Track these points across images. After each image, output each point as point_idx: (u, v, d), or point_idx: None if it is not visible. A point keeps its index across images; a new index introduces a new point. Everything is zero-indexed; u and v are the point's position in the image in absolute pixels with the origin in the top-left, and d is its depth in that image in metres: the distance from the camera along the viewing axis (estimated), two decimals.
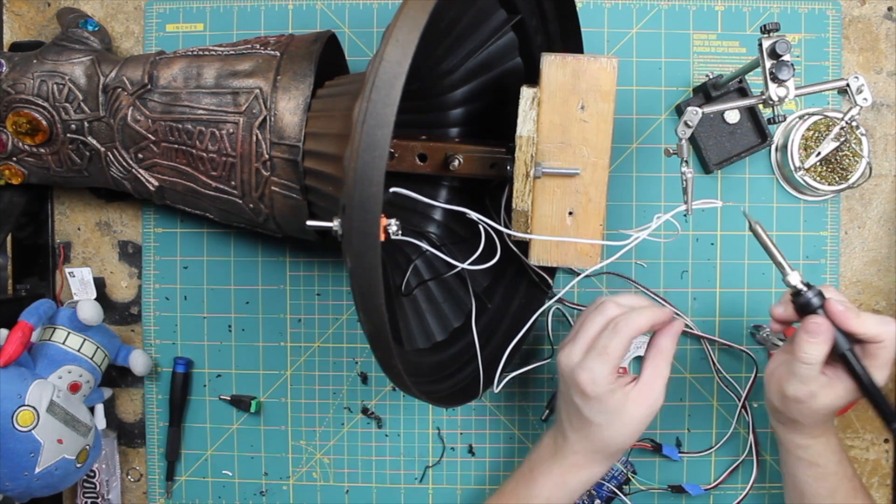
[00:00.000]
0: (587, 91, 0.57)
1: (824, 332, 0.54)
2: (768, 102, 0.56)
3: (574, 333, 0.58)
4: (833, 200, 0.73)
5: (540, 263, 0.62)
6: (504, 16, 0.62)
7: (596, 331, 0.56)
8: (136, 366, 0.71)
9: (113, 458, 0.75)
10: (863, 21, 0.73)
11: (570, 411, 0.58)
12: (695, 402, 0.74)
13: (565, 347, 0.57)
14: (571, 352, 0.56)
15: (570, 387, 0.57)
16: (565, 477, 0.59)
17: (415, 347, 0.64)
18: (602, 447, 0.57)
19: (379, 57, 0.43)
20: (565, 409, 0.58)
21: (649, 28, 0.73)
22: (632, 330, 0.55)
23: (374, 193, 0.42)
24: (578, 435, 0.58)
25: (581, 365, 0.55)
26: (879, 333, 0.54)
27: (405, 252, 0.69)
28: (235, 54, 0.62)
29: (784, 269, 0.55)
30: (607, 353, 0.55)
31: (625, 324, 0.55)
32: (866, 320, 0.54)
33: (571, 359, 0.56)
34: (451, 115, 0.69)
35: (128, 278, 0.76)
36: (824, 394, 0.56)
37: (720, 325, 0.73)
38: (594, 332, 0.56)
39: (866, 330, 0.54)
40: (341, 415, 0.75)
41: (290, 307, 0.75)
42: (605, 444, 0.57)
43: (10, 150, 0.65)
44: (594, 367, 0.55)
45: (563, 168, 0.59)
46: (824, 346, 0.54)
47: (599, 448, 0.57)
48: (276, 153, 0.58)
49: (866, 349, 0.55)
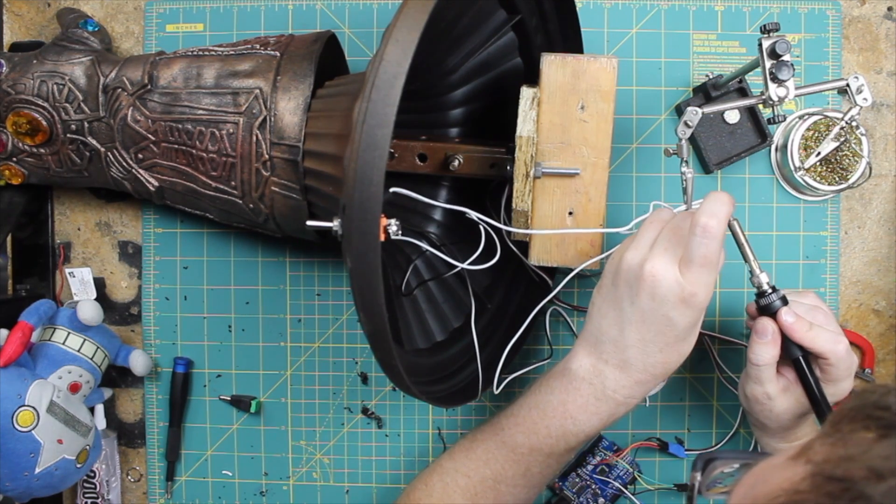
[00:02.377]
0: (587, 91, 0.57)
1: (770, 334, 0.55)
2: (768, 102, 0.56)
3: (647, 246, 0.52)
4: (833, 200, 0.73)
5: (540, 263, 0.63)
6: (504, 16, 0.62)
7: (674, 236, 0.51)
8: (136, 366, 0.71)
9: (113, 459, 0.75)
10: (863, 21, 0.73)
11: (650, 330, 0.52)
12: (695, 402, 0.74)
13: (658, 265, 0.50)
14: (666, 268, 0.50)
15: (669, 306, 0.50)
16: (613, 416, 0.56)
17: (415, 347, 0.64)
18: (673, 364, 0.53)
19: (379, 57, 0.43)
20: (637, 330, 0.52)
21: (649, 28, 0.73)
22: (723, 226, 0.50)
23: (374, 193, 0.42)
24: (652, 360, 0.53)
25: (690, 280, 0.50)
26: (826, 351, 0.54)
27: (405, 252, 0.69)
28: (235, 54, 0.62)
29: (753, 268, 0.55)
30: (711, 262, 0.49)
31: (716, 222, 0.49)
32: (817, 336, 0.54)
33: (668, 276, 0.50)
34: (451, 115, 0.69)
35: (128, 278, 0.76)
36: (783, 398, 0.57)
37: (720, 324, 0.73)
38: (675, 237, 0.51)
39: (813, 345, 0.54)
40: (341, 415, 0.75)
41: (290, 307, 0.75)
42: (678, 359, 0.53)
43: (10, 151, 0.65)
44: (705, 279, 0.50)
45: (563, 168, 0.59)
46: (770, 347, 0.55)
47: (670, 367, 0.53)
48: (276, 153, 0.58)
49: (818, 362, 0.56)
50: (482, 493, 0.60)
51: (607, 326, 0.54)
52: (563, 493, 0.72)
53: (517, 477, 0.59)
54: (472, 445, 0.61)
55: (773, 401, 0.57)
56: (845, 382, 0.56)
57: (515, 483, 0.59)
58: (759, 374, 0.56)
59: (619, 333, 0.53)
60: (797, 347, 0.55)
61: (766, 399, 0.57)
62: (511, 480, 0.59)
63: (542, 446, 0.57)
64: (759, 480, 0.33)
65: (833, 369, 0.55)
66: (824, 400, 0.55)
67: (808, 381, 0.55)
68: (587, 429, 0.56)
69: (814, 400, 0.55)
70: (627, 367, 0.54)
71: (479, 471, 0.60)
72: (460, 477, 0.61)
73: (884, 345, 0.74)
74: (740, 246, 0.56)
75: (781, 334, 0.55)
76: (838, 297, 0.73)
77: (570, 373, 0.56)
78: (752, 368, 0.56)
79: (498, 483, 0.59)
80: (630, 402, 0.55)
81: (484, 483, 0.60)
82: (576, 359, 0.56)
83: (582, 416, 0.56)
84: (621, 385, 0.54)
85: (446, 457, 0.63)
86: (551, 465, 0.59)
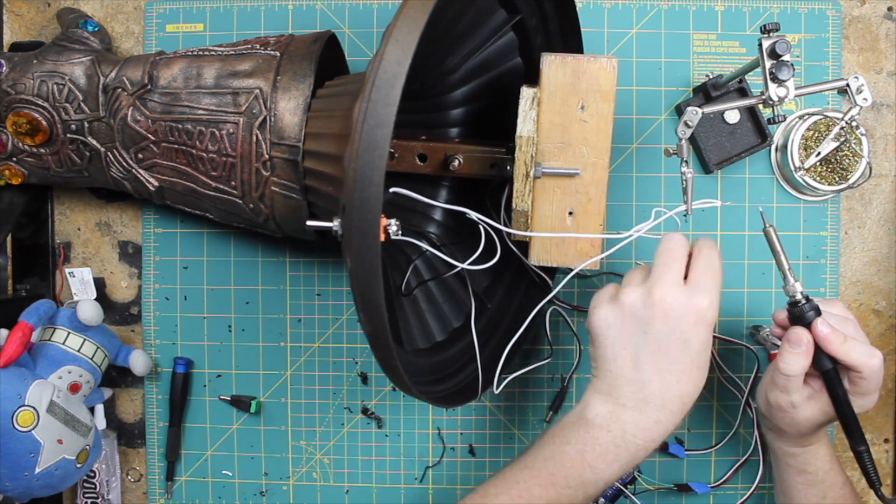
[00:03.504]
0: (587, 91, 0.57)
1: (804, 344, 0.54)
2: (768, 102, 0.56)
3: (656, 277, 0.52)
4: (833, 200, 0.73)
5: (540, 263, 0.62)
6: (504, 16, 0.62)
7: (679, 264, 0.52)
8: (136, 366, 0.71)
9: (113, 459, 0.75)
10: (863, 21, 0.73)
11: (667, 358, 0.52)
12: (695, 402, 0.74)
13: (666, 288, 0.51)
14: (674, 290, 0.51)
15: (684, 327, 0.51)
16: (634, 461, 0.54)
17: (415, 347, 0.64)
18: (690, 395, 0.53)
19: (379, 57, 0.43)
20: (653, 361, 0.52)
21: (649, 28, 0.73)
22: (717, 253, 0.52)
23: (374, 193, 0.42)
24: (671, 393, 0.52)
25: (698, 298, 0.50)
26: (860, 364, 0.54)
27: (405, 252, 0.69)
28: (235, 54, 0.62)
29: (787, 277, 0.55)
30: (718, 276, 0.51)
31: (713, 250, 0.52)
32: (852, 349, 0.54)
33: (678, 297, 0.50)
34: (451, 115, 0.69)
35: (128, 278, 0.76)
36: (807, 406, 0.57)
37: (720, 324, 0.73)
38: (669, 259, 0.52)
39: (848, 358, 0.54)
40: (341, 415, 0.75)
41: (290, 307, 0.75)
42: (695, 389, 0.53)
43: (10, 150, 0.65)
44: (711, 294, 0.51)
45: (563, 168, 0.59)
46: (803, 358, 0.54)
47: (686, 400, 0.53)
48: (276, 153, 0.58)
49: (849, 375, 0.55)
50: None
51: (621, 367, 0.53)
52: None
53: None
54: (485, 501, 0.57)
55: (797, 409, 0.56)
56: (873, 395, 0.56)
57: None
58: (787, 384, 0.56)
59: (634, 371, 0.52)
60: (829, 359, 0.55)
61: (791, 408, 0.57)
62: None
63: (561, 498, 0.54)
64: None
65: (865, 383, 0.54)
66: (852, 413, 0.55)
67: (838, 393, 0.55)
68: (606, 476, 0.54)
69: (842, 412, 0.55)
70: (646, 406, 0.52)
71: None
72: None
73: (884, 345, 0.74)
74: (775, 254, 0.55)
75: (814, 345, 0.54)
76: (838, 298, 0.73)
77: (586, 422, 0.54)
78: (781, 378, 0.56)
79: None
80: (650, 445, 0.53)
81: None
82: (591, 408, 0.54)
83: (601, 465, 0.53)
84: (641, 428, 0.53)
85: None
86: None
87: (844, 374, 0.55)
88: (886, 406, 0.74)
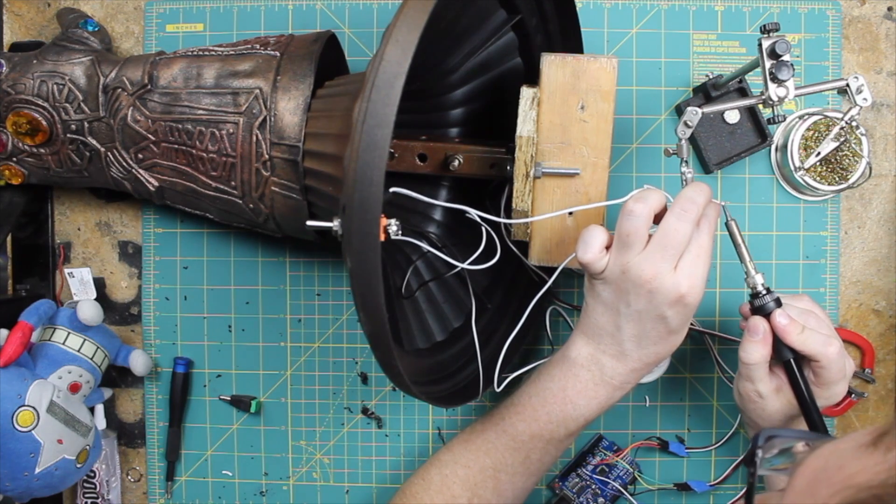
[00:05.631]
0: (587, 91, 0.57)
1: (761, 333, 0.56)
2: (768, 102, 0.56)
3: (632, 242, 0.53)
4: (833, 200, 0.73)
5: (540, 263, 0.63)
6: (504, 16, 0.62)
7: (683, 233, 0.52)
8: (136, 366, 0.71)
9: (113, 459, 0.75)
10: (863, 21, 0.73)
11: (645, 327, 0.54)
12: (695, 402, 0.74)
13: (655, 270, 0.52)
14: (658, 266, 0.52)
15: (661, 301, 0.52)
16: (611, 400, 0.58)
17: (415, 347, 0.64)
18: (666, 353, 0.56)
19: (379, 57, 0.43)
20: (633, 327, 0.54)
21: (649, 28, 0.73)
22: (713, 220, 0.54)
23: (374, 193, 0.42)
24: (647, 351, 0.55)
25: (685, 281, 0.52)
26: (817, 353, 0.55)
27: (405, 252, 0.69)
28: (235, 54, 0.62)
29: (749, 269, 0.57)
30: (706, 253, 0.53)
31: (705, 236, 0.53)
32: (808, 338, 0.55)
33: (665, 279, 0.51)
34: (451, 115, 0.69)
35: (128, 278, 0.76)
36: (775, 398, 0.58)
37: (720, 324, 0.73)
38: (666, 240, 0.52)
39: (805, 347, 0.55)
40: (341, 415, 0.75)
41: (290, 307, 0.75)
42: (670, 349, 0.56)
43: (10, 151, 0.65)
44: (699, 272, 0.52)
45: (563, 168, 0.59)
46: (761, 347, 0.56)
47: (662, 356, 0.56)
48: (276, 153, 0.58)
49: (811, 365, 0.56)
50: (481, 483, 0.61)
51: (604, 323, 0.56)
52: (563, 493, 0.72)
53: (517, 465, 0.60)
54: (470, 437, 0.63)
55: (765, 400, 0.58)
56: (838, 386, 0.57)
57: (515, 471, 0.60)
58: (749, 373, 0.57)
59: (615, 329, 0.56)
60: (789, 350, 0.56)
61: (758, 398, 0.58)
62: (511, 468, 0.60)
63: (543, 432, 0.59)
64: (830, 465, 0.32)
65: (825, 372, 0.55)
66: (813, 403, 0.56)
67: (798, 383, 0.56)
68: (586, 413, 0.58)
69: (803, 403, 0.56)
70: (623, 357, 0.57)
71: (479, 461, 0.61)
72: (459, 468, 0.61)
73: (884, 345, 0.74)
74: (737, 246, 0.57)
75: (774, 336, 0.56)
76: (838, 297, 0.73)
77: (569, 360, 0.59)
78: (743, 367, 0.58)
79: (498, 472, 0.60)
80: (626, 387, 0.58)
81: (483, 472, 0.61)
82: (574, 347, 0.59)
83: (581, 401, 0.58)
84: (618, 372, 0.57)
85: (444, 450, 0.64)
86: (550, 452, 0.61)
87: (807, 366, 0.57)
88: (886, 406, 0.74)
